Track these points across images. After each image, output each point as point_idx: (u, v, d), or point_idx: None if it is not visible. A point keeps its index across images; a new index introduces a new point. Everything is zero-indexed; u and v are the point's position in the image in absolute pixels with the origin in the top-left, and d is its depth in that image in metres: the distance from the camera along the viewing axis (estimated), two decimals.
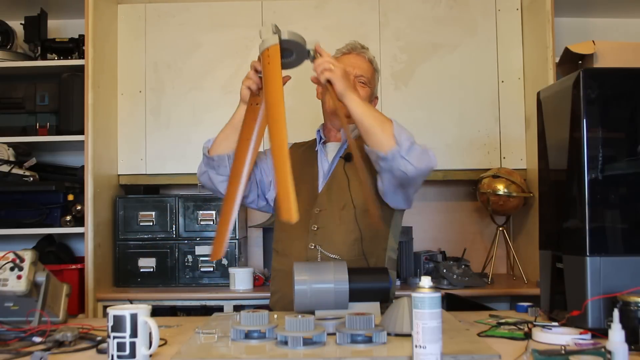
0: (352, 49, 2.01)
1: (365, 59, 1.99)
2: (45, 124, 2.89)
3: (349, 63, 1.95)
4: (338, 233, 1.86)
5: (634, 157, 1.47)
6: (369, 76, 1.97)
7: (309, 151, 2.02)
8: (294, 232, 1.88)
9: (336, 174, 1.93)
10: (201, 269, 2.88)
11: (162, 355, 1.32)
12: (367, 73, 1.97)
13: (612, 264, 1.42)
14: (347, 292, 1.57)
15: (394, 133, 1.66)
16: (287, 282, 1.84)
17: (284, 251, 1.94)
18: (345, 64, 1.90)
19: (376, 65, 2.04)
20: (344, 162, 1.93)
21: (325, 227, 1.87)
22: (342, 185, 1.90)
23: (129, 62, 3.08)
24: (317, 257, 1.85)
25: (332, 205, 1.88)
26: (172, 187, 3.25)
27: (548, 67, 2.71)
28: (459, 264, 2.76)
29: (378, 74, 2.05)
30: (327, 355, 1.26)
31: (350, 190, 1.88)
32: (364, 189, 1.80)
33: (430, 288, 1.17)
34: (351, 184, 1.88)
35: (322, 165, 1.97)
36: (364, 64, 1.98)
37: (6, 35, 2.95)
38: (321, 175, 1.95)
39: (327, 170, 1.95)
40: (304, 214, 1.84)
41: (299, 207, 1.80)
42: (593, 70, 1.87)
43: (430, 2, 3.05)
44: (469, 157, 3.00)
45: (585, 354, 1.17)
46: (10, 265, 1.62)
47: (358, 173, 1.79)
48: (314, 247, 1.86)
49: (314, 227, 1.88)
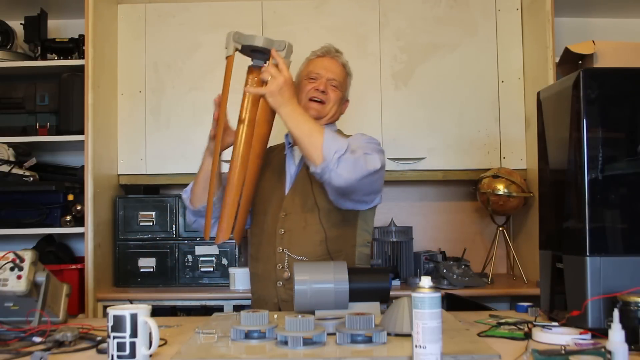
0: (326, 53, 2.06)
1: (338, 63, 2.05)
2: (45, 124, 2.89)
3: (322, 66, 2.02)
4: (304, 235, 1.91)
5: (634, 157, 1.47)
6: (340, 80, 2.03)
7: (279, 156, 2.07)
8: (264, 236, 1.96)
9: (300, 177, 1.97)
10: (201, 269, 2.88)
11: (162, 355, 1.32)
12: (339, 77, 2.02)
13: (612, 264, 1.42)
14: (347, 292, 1.57)
15: (322, 147, 1.69)
16: (261, 285, 1.96)
17: (256, 255, 2.02)
18: (318, 66, 2.01)
19: (349, 69, 2.09)
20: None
21: (291, 231, 1.91)
22: (305, 188, 1.94)
23: (129, 62, 3.08)
24: (285, 261, 1.90)
25: (296, 209, 1.93)
26: (172, 187, 3.25)
27: (548, 67, 2.71)
28: (459, 264, 2.76)
29: (350, 78, 2.10)
30: (327, 355, 1.26)
31: (314, 192, 1.91)
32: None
33: (430, 288, 1.17)
34: (314, 185, 1.91)
35: (290, 169, 2.02)
36: (337, 68, 2.03)
37: (6, 35, 2.95)
38: (288, 180, 2.00)
39: (293, 174, 2.00)
40: (273, 218, 1.94)
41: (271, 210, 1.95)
42: (593, 70, 1.87)
43: (430, 2, 3.05)
44: (469, 157, 3.00)
45: (585, 354, 1.17)
46: (10, 265, 1.62)
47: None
48: (281, 250, 1.91)
49: (281, 231, 1.93)
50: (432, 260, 2.88)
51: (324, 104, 1.99)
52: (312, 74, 2.01)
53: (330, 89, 2.00)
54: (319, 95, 1.98)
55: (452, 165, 2.99)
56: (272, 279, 1.92)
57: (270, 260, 1.93)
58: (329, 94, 1.99)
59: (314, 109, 1.97)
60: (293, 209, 1.94)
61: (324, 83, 1.99)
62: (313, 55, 2.08)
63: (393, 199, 3.20)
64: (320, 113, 1.98)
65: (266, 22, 3.05)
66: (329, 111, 2.00)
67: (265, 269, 1.95)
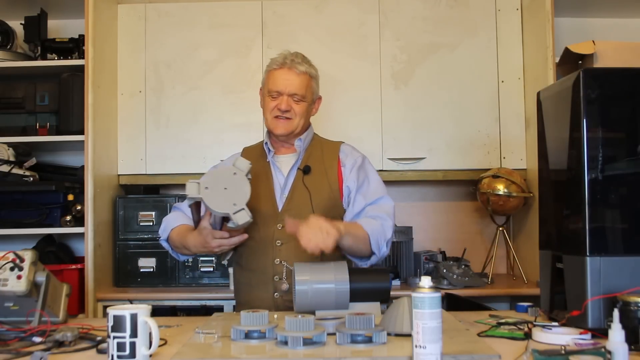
0: (282, 64, 1.95)
1: (297, 73, 1.94)
2: (45, 124, 2.89)
3: (282, 81, 1.93)
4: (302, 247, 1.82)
5: (634, 157, 1.47)
6: (303, 92, 1.94)
7: (261, 161, 2.01)
8: (259, 247, 1.92)
9: (296, 187, 1.94)
10: (201, 269, 2.88)
11: (162, 355, 1.32)
12: (300, 90, 1.94)
13: (612, 264, 1.42)
14: (348, 292, 1.57)
15: (371, 247, 1.84)
16: (254, 295, 1.91)
17: (248, 266, 1.96)
18: (278, 82, 1.94)
19: (311, 72, 1.98)
20: (302, 175, 1.95)
21: (289, 243, 1.88)
22: (303, 200, 1.91)
23: (129, 62, 3.08)
24: (282, 272, 1.88)
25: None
26: (172, 187, 3.25)
27: (548, 67, 2.71)
28: (459, 264, 2.76)
29: (315, 80, 2.00)
30: (327, 355, 1.26)
31: (312, 204, 1.89)
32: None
33: (430, 288, 1.17)
34: (312, 197, 1.90)
35: (278, 178, 1.98)
36: (296, 80, 1.93)
37: (6, 35, 2.95)
38: (278, 190, 1.96)
39: (283, 184, 1.96)
40: (267, 230, 1.91)
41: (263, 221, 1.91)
42: (593, 70, 1.87)
43: (430, 2, 3.05)
44: (469, 157, 3.00)
45: (585, 354, 1.17)
46: (10, 265, 1.62)
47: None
48: (279, 262, 1.89)
49: (278, 243, 1.91)
50: (432, 260, 2.88)
51: (290, 120, 1.95)
52: (272, 92, 1.95)
53: (293, 103, 1.94)
54: (284, 115, 1.94)
55: (452, 165, 2.99)
56: (269, 290, 1.89)
57: (267, 272, 1.89)
58: (293, 110, 1.94)
59: (281, 127, 1.94)
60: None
61: (286, 101, 1.93)
62: (271, 67, 1.98)
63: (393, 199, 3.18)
64: (288, 129, 1.95)
65: (266, 22, 3.05)
66: (297, 125, 1.96)
67: (261, 281, 1.90)
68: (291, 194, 1.94)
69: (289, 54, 1.98)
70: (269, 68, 1.99)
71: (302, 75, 1.95)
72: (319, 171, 1.97)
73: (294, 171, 1.97)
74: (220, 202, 1.67)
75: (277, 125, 1.95)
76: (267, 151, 2.01)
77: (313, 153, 2.01)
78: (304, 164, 1.97)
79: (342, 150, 2.03)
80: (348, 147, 2.06)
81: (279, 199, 1.95)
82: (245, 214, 1.66)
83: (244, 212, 1.66)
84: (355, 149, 2.07)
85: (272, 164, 2.00)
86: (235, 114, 3.02)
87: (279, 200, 1.95)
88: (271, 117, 1.96)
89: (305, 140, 2.01)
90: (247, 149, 2.13)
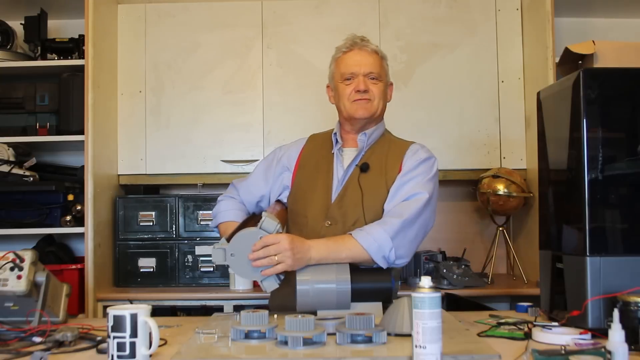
0: (352, 45, 1.89)
1: (369, 52, 1.88)
2: (45, 124, 2.89)
3: (354, 62, 1.86)
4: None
5: (634, 157, 1.47)
6: (378, 70, 1.87)
7: (326, 150, 1.93)
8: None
9: (349, 184, 1.84)
10: (201, 269, 2.88)
11: (162, 355, 1.32)
12: (375, 68, 1.86)
13: (612, 264, 1.42)
14: (349, 292, 1.57)
15: (373, 258, 1.67)
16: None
17: None
18: (350, 64, 1.86)
19: (381, 52, 1.92)
20: (359, 172, 1.85)
21: None
22: (354, 199, 1.81)
23: (129, 62, 3.08)
24: None
25: (343, 220, 1.81)
26: (172, 187, 3.25)
27: (548, 67, 2.71)
28: (459, 264, 2.76)
29: (385, 60, 1.93)
30: (327, 355, 1.26)
31: (363, 205, 1.79)
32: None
33: (430, 288, 1.17)
34: (365, 197, 1.80)
35: (337, 171, 1.88)
36: (369, 59, 1.87)
37: (6, 35, 2.95)
38: (335, 183, 1.86)
39: (341, 177, 1.86)
40: (316, 223, 1.83)
41: (313, 214, 1.83)
42: (593, 70, 1.87)
43: (430, 2, 3.05)
44: (469, 157, 3.00)
45: (585, 354, 1.17)
46: (10, 265, 1.62)
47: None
48: None
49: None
50: (432, 260, 2.88)
51: (370, 101, 1.85)
52: (346, 75, 1.86)
53: (370, 84, 1.85)
54: (362, 96, 1.84)
55: (452, 165, 2.99)
56: None
57: None
58: (371, 90, 1.84)
59: (362, 109, 1.84)
60: (340, 219, 1.81)
61: (363, 81, 1.84)
62: (339, 52, 1.91)
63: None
64: (370, 111, 1.85)
65: (266, 22, 3.05)
66: (377, 107, 1.86)
67: None
68: (344, 191, 1.84)
69: (355, 36, 1.90)
70: (337, 55, 1.91)
71: (373, 54, 1.88)
72: (378, 171, 1.85)
73: (352, 167, 1.86)
74: (247, 270, 1.62)
75: (357, 109, 1.84)
76: (335, 142, 1.90)
77: (377, 150, 1.89)
78: (364, 161, 1.86)
79: (409, 149, 1.90)
80: (417, 146, 1.92)
81: (333, 194, 1.85)
82: (273, 282, 1.62)
83: (272, 278, 1.62)
84: (426, 149, 1.92)
85: (337, 156, 1.90)
86: (235, 114, 3.02)
87: (332, 195, 1.85)
88: (349, 103, 1.85)
89: (372, 135, 1.90)
90: (313, 136, 2.02)
